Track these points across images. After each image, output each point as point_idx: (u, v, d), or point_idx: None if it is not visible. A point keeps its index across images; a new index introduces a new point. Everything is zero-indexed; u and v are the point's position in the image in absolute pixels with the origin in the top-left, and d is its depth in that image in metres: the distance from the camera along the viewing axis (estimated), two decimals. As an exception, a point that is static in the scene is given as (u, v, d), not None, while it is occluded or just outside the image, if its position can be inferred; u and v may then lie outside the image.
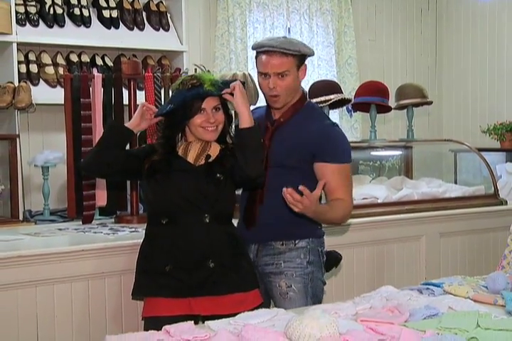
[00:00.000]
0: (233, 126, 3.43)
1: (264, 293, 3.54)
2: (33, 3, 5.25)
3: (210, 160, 3.31)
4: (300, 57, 3.45)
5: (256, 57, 3.51)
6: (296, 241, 3.50)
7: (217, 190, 3.28)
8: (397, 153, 6.06)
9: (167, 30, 5.88)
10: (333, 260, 3.72)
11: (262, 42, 3.52)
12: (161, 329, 2.61)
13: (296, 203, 3.15)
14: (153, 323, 3.15)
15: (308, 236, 3.52)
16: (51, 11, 5.32)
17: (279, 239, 3.51)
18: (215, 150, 3.35)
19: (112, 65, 5.52)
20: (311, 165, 3.47)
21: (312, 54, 3.56)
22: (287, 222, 3.46)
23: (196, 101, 3.26)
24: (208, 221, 3.26)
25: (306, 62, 3.55)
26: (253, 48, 3.53)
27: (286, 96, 3.47)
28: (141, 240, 3.43)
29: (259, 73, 3.49)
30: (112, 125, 3.53)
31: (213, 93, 3.27)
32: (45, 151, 4.74)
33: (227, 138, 3.41)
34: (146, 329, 3.23)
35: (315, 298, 3.51)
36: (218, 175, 3.28)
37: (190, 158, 3.32)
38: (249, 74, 4.74)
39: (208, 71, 4.03)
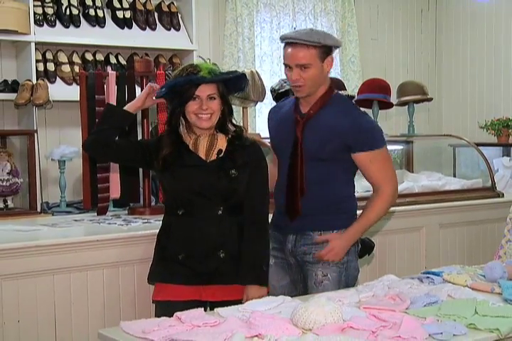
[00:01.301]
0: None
1: (301, 282, 3.61)
2: (50, 4, 5.26)
3: (221, 155, 3.33)
4: (323, 48, 3.38)
5: (283, 49, 3.49)
6: (334, 232, 3.49)
7: (230, 185, 3.30)
8: (399, 147, 6.07)
9: (178, 29, 5.87)
10: (366, 247, 3.74)
11: (286, 34, 3.51)
12: (171, 313, 2.72)
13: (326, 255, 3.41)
14: (163, 307, 3.27)
15: (345, 225, 3.50)
16: (67, 12, 5.33)
17: (317, 229, 3.51)
18: (222, 142, 3.36)
19: (125, 63, 5.53)
20: (345, 155, 3.46)
21: (337, 45, 3.49)
22: (327, 212, 3.50)
23: (191, 88, 3.26)
24: (220, 212, 3.30)
25: (334, 54, 3.51)
26: (280, 39, 3.51)
27: (310, 87, 3.44)
28: (153, 231, 3.53)
29: (284, 64, 3.49)
30: (108, 108, 3.56)
31: (205, 79, 3.24)
32: (61, 146, 4.75)
33: (230, 126, 3.41)
34: (156, 312, 3.37)
35: (347, 287, 3.43)
36: (232, 171, 3.30)
37: (201, 153, 3.33)
38: (257, 72, 4.75)
39: (215, 64, 4.08)
